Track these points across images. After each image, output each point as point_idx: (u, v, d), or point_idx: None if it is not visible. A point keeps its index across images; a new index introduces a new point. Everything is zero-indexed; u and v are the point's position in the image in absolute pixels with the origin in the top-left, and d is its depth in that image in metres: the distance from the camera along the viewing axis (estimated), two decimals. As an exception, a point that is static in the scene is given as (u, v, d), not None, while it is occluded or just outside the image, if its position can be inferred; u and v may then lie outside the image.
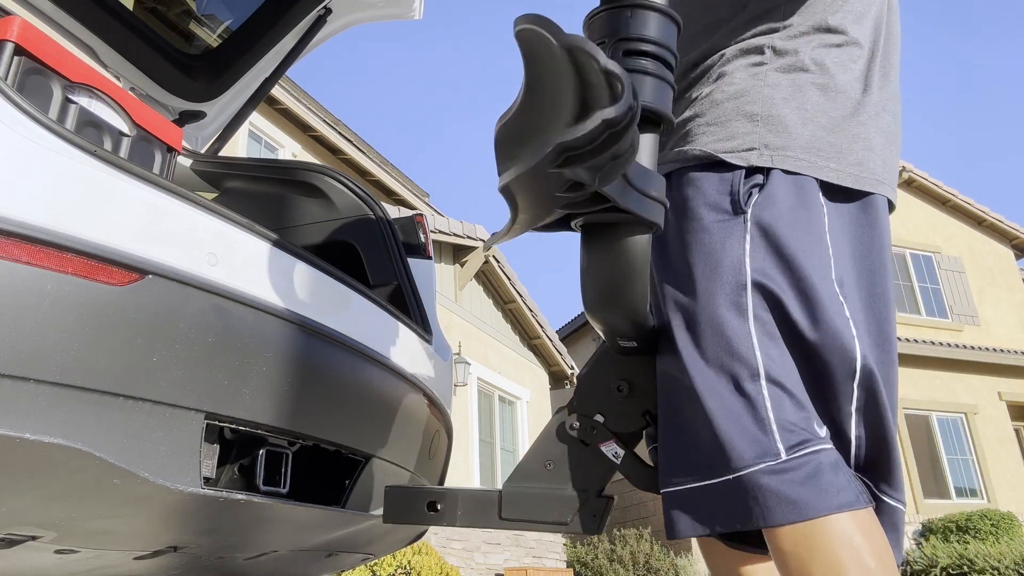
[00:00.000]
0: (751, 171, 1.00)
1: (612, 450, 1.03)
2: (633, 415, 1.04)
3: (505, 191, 0.73)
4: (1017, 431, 12.17)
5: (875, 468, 0.96)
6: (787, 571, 0.89)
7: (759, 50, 1.05)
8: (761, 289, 0.95)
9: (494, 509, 1.06)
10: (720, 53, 1.08)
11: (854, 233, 1.02)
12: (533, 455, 1.08)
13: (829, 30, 1.06)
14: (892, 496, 0.96)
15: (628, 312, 0.91)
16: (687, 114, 1.08)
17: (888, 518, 0.96)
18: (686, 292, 0.99)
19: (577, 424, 1.05)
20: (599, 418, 1.05)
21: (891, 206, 1.09)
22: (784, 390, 0.92)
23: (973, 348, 11.91)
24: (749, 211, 0.98)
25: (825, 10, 1.06)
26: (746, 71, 1.05)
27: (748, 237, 0.97)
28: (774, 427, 0.90)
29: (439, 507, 1.10)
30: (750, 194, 0.99)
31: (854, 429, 0.95)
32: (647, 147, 0.87)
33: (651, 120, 0.88)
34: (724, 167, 1.01)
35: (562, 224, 0.89)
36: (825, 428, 0.93)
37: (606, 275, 0.88)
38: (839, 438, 0.96)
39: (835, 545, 0.86)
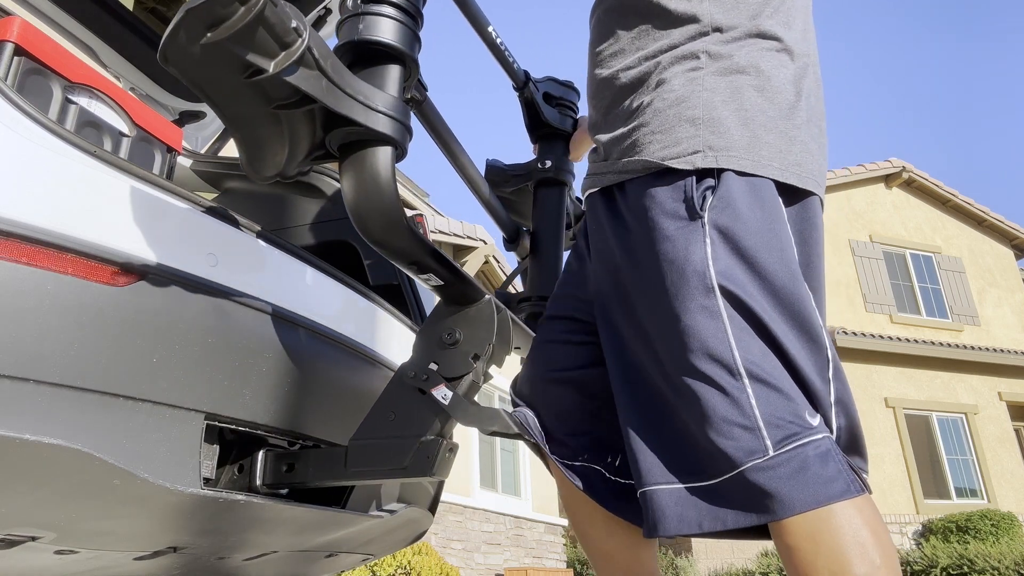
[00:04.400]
0: (702, 175, 1.02)
1: (442, 393, 1.09)
2: (462, 360, 1.12)
3: (163, 61, 0.80)
4: (1017, 431, 12.17)
5: (852, 451, 0.98)
6: (792, 564, 0.89)
7: (694, 55, 1.07)
8: (726, 292, 0.96)
9: (341, 463, 1.14)
10: (655, 62, 1.09)
11: (795, 232, 1.05)
12: (377, 408, 1.15)
13: (761, 35, 1.08)
14: (864, 470, 0.98)
15: (382, 228, 0.96)
16: (632, 124, 1.10)
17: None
18: (659, 301, 1.00)
19: (413, 373, 1.12)
20: (433, 366, 1.12)
21: (822, 208, 1.13)
22: (767, 385, 0.93)
23: (973, 348, 11.91)
24: (706, 215, 0.99)
25: (755, 15, 1.08)
26: (683, 77, 1.06)
27: (708, 241, 0.98)
28: (760, 423, 0.91)
29: (295, 467, 1.19)
30: (704, 197, 1.00)
31: (835, 420, 0.96)
32: (387, 75, 0.99)
33: (389, 55, 1.00)
34: (675, 174, 1.03)
35: (328, 155, 0.98)
36: (818, 416, 0.94)
37: (356, 191, 0.95)
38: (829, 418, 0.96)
39: (840, 538, 0.86)
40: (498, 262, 9.99)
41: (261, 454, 1.22)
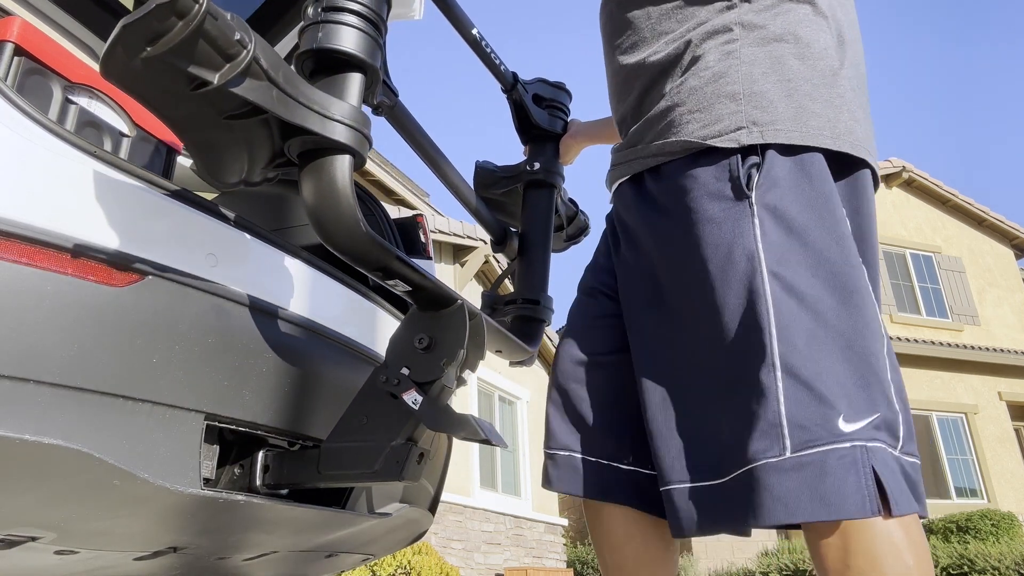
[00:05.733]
0: (747, 152, 0.97)
1: (412, 398, 1.10)
2: (433, 365, 1.11)
3: (105, 76, 0.79)
4: (1017, 431, 12.17)
5: (911, 439, 0.91)
6: (822, 562, 0.85)
7: (727, 28, 1.02)
8: (777, 276, 0.91)
9: (315, 465, 1.15)
10: (685, 40, 1.04)
11: (848, 204, 1.00)
12: (350, 412, 1.16)
13: (792, 7, 1.03)
14: (916, 455, 0.92)
15: (342, 235, 0.96)
16: (664, 105, 1.05)
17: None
18: (699, 287, 0.96)
19: (384, 378, 1.12)
20: (405, 371, 1.12)
21: (875, 182, 1.05)
22: (802, 382, 0.87)
23: (973, 348, 11.91)
24: (753, 194, 0.94)
25: None
26: (719, 51, 1.02)
27: (757, 222, 0.93)
28: (784, 421, 0.86)
29: (270, 468, 1.21)
30: (750, 176, 0.95)
31: (897, 401, 0.90)
32: (346, 84, 0.98)
33: (349, 63, 0.99)
34: (719, 153, 0.98)
35: (290, 162, 0.97)
36: (859, 423, 0.86)
37: (314, 198, 0.95)
38: (890, 417, 0.89)
39: (873, 538, 0.82)
40: (498, 262, 9.99)
41: (261, 454, 1.22)
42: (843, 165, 1.00)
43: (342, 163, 0.94)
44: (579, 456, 1.13)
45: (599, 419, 1.13)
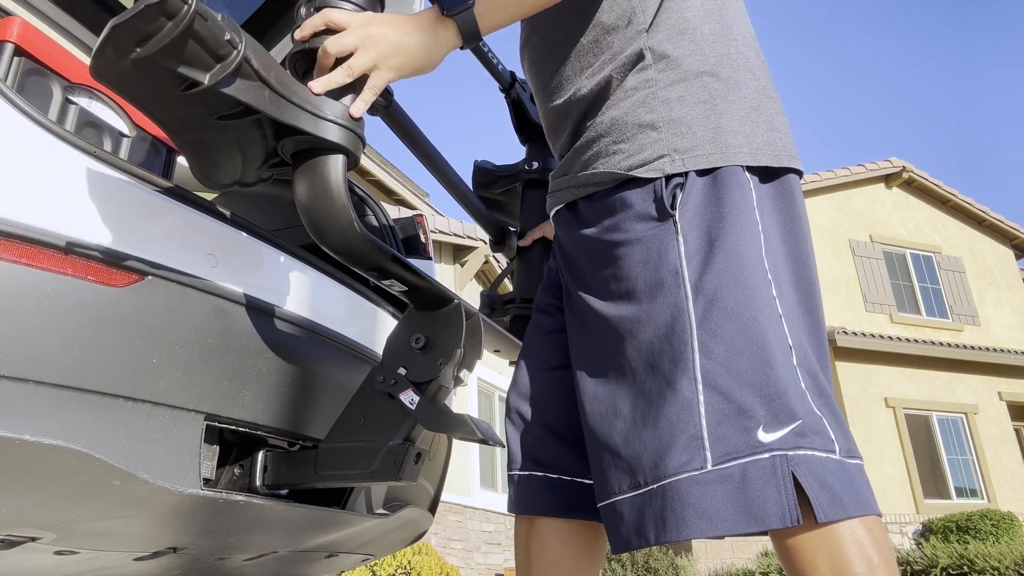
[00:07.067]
0: (671, 175, 1.00)
1: (409, 397, 1.10)
2: (430, 365, 1.11)
3: (95, 77, 0.79)
4: (1017, 431, 12.17)
5: (849, 440, 0.92)
6: (790, 563, 0.87)
7: (639, 56, 1.05)
8: (701, 290, 0.94)
9: (312, 465, 1.15)
10: (604, 75, 1.07)
11: (777, 212, 1.02)
12: (348, 412, 1.15)
13: (697, 25, 1.06)
14: (858, 457, 0.93)
15: (335, 235, 0.96)
16: (589, 136, 1.08)
17: None
18: (629, 304, 0.98)
19: (382, 378, 1.12)
20: (402, 371, 1.12)
21: (800, 176, 1.09)
22: (722, 394, 0.89)
23: (973, 348, 11.91)
24: (677, 213, 0.98)
25: (682, 5, 1.06)
26: (634, 80, 1.05)
27: (681, 239, 0.96)
28: (705, 434, 0.88)
29: (268, 468, 1.21)
30: (674, 195, 0.98)
31: (820, 407, 0.91)
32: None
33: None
34: (644, 179, 1.01)
35: (285, 162, 0.97)
36: (782, 432, 0.87)
37: (307, 198, 0.94)
38: (813, 424, 0.89)
39: (838, 536, 0.84)
40: (498, 262, 9.99)
41: (261, 455, 1.22)
42: (768, 173, 1.02)
43: (335, 163, 0.94)
44: (540, 475, 1.13)
45: (549, 432, 1.14)
